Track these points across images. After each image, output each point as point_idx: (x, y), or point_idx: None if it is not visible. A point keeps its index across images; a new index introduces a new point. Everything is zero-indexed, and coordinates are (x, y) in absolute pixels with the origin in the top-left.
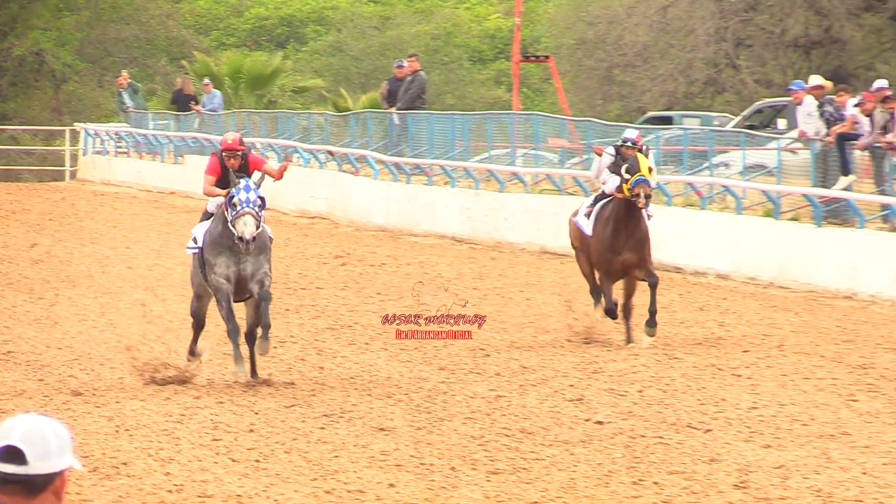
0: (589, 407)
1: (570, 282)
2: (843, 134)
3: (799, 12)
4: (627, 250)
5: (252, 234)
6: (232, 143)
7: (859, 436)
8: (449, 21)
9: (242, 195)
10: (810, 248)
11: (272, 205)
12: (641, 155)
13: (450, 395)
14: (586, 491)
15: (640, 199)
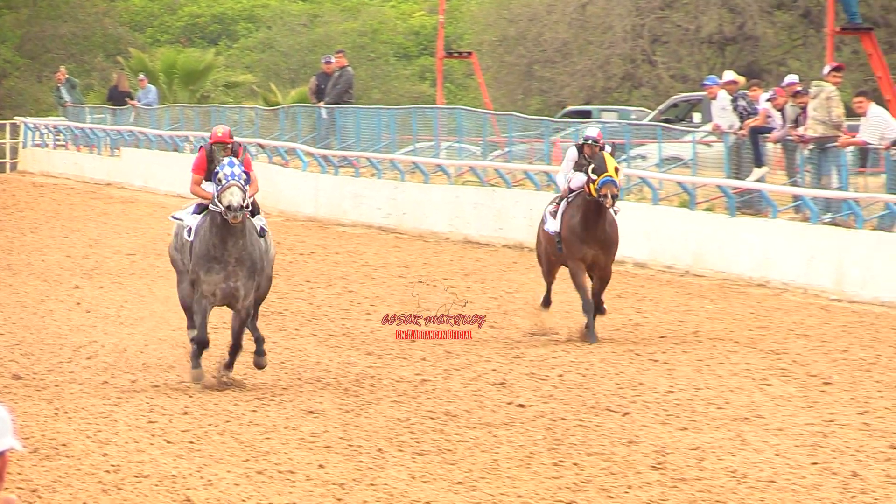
0: (511, 391)
1: (492, 270)
2: (756, 127)
3: (713, 10)
4: (597, 247)
5: (238, 201)
6: (222, 135)
7: (772, 418)
8: (375, 19)
9: (227, 170)
10: (725, 237)
11: None
12: (608, 155)
13: (377, 379)
14: (509, 472)
15: (607, 199)
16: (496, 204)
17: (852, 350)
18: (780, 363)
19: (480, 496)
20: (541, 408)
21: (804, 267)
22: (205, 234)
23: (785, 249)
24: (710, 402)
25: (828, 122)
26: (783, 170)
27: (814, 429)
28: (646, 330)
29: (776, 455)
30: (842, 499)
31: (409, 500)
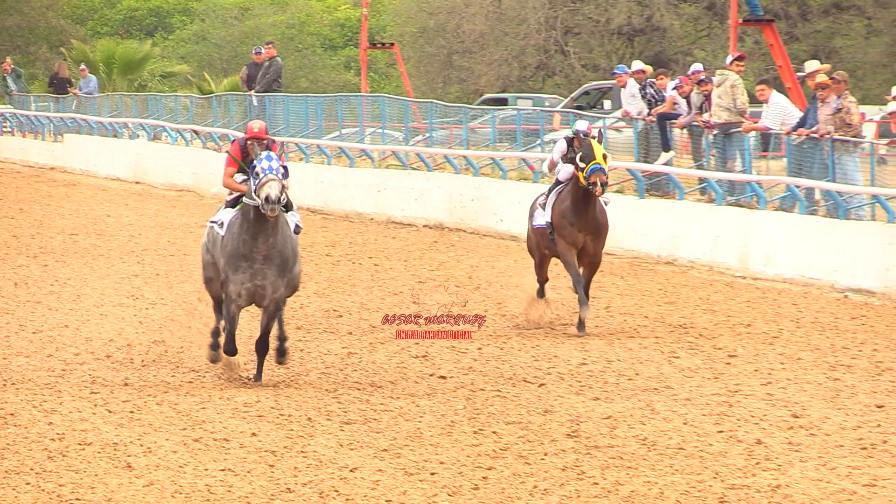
0: (433, 363)
1: (414, 249)
2: (664, 114)
3: (622, 2)
4: (588, 232)
5: (276, 194)
6: (258, 131)
7: (680, 389)
8: (303, 11)
9: (265, 163)
10: (634, 217)
11: (142, 178)
12: (595, 142)
13: (306, 352)
14: (431, 440)
15: (596, 187)
16: (418, 186)
17: (756, 324)
18: (687, 337)
19: (405, 462)
20: (461, 379)
21: (710, 245)
22: (237, 229)
23: (691, 229)
24: (622, 373)
25: (732, 109)
26: (689, 154)
27: (720, 399)
28: (560, 305)
29: (684, 424)
30: (746, 465)
31: (337, 467)
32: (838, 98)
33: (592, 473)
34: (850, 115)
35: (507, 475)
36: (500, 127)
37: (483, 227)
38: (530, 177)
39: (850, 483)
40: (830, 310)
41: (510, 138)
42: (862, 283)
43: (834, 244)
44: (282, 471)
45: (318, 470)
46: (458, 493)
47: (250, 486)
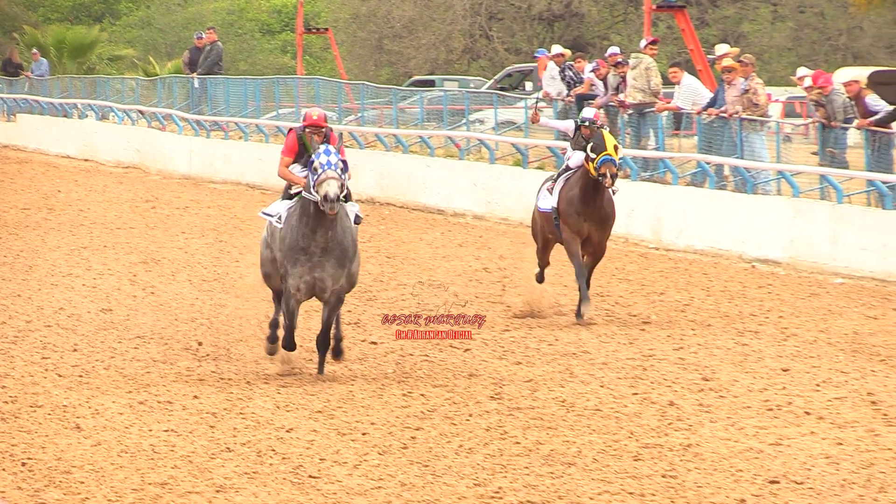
0: (364, 329)
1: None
2: (582, 94)
3: None
4: (593, 222)
5: (336, 191)
6: (317, 118)
7: (597, 354)
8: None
9: (323, 158)
10: None
11: (90, 156)
12: (607, 133)
13: (245, 319)
14: (363, 402)
15: (606, 179)
16: (350, 162)
17: (668, 293)
18: (604, 304)
19: (338, 423)
20: (391, 345)
21: (625, 218)
22: (295, 222)
23: None
24: (542, 339)
25: (646, 90)
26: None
27: (634, 363)
28: (484, 275)
29: (601, 386)
30: (660, 425)
31: (274, 427)
32: (746, 80)
33: (514, 433)
34: (757, 96)
35: (434, 435)
36: (427, 107)
37: (412, 202)
38: (456, 154)
39: (757, 442)
40: (739, 279)
41: (437, 118)
42: (768, 254)
43: (742, 217)
44: (222, 431)
45: (256, 430)
46: (387, 451)
47: (192, 446)
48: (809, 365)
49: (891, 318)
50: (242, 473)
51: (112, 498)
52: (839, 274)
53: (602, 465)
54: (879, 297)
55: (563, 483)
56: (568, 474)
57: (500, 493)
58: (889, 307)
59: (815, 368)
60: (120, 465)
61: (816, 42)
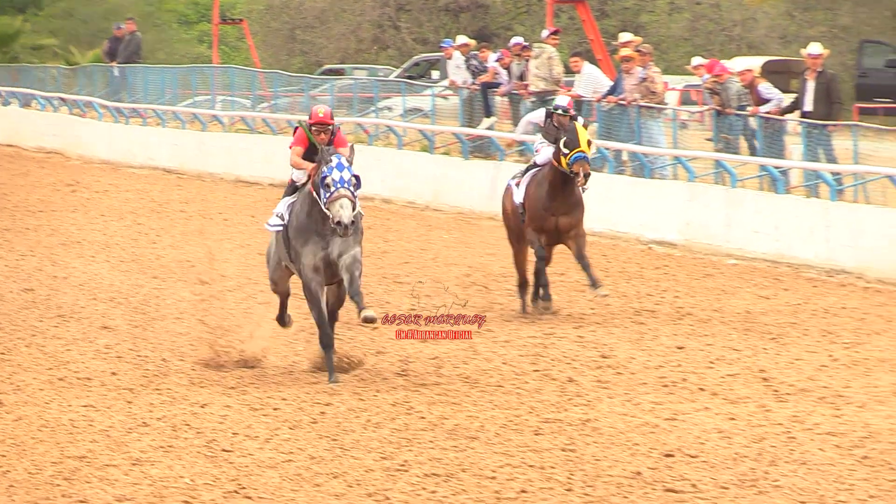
0: (277, 309)
1: (260, 206)
2: (486, 83)
3: None
4: (562, 213)
5: (350, 217)
6: (323, 116)
7: (500, 332)
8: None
9: (336, 174)
10: (459, 177)
11: (14, 142)
12: (580, 127)
13: (161, 299)
14: (274, 378)
15: (579, 177)
16: (264, 149)
17: (569, 273)
18: (506, 284)
19: (250, 399)
20: (302, 323)
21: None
22: (301, 209)
23: None
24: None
25: (548, 79)
26: (510, 119)
27: (535, 341)
28: (391, 257)
29: (503, 363)
30: (559, 401)
31: (188, 403)
32: (644, 69)
33: (420, 408)
34: (655, 84)
35: (342, 410)
36: (338, 95)
37: None
38: (366, 140)
39: (653, 417)
40: (636, 260)
41: (347, 105)
42: (665, 236)
43: (640, 201)
44: (139, 406)
45: (171, 406)
46: (298, 426)
47: (110, 421)
48: (703, 343)
49: (782, 297)
50: (158, 447)
51: (32, 471)
52: (733, 255)
53: (504, 439)
54: (771, 278)
55: (467, 456)
56: (471, 448)
57: (406, 465)
58: (780, 287)
59: (708, 346)
60: (40, 440)
61: (712, 32)
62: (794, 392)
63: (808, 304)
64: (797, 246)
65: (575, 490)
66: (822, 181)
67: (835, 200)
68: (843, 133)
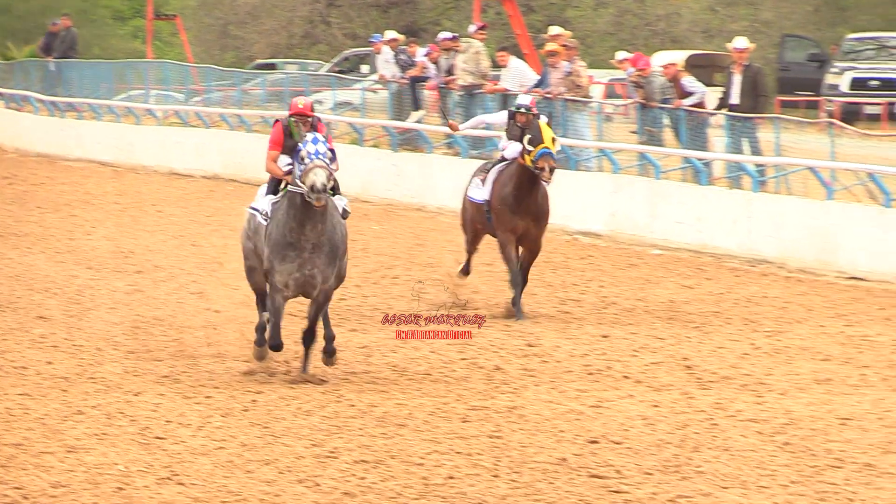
0: (208, 299)
1: (192, 197)
2: (415, 77)
3: None
4: (529, 219)
5: (323, 182)
6: (303, 107)
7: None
8: None
9: (310, 147)
10: (389, 169)
11: None
12: (544, 124)
13: (96, 289)
14: (206, 367)
15: (544, 172)
16: (196, 141)
17: (496, 264)
18: (434, 274)
19: (183, 387)
20: (233, 313)
21: (455, 193)
22: (282, 216)
23: (439, 179)
24: (376, 307)
25: (475, 73)
26: (437, 112)
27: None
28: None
29: (431, 352)
30: (486, 388)
31: (122, 391)
32: (569, 63)
33: (350, 396)
34: (580, 78)
35: (274, 398)
36: (269, 89)
37: (254, 178)
38: None
39: (578, 404)
40: (562, 251)
41: (279, 99)
42: (590, 227)
43: (566, 192)
44: (73, 395)
45: (105, 394)
46: (230, 414)
47: (45, 409)
48: (628, 332)
49: (705, 287)
50: (93, 435)
51: None
52: (656, 245)
53: (432, 427)
54: (694, 268)
55: (396, 443)
56: (400, 435)
57: (336, 452)
58: (703, 277)
59: (633, 335)
60: None
61: (636, 27)
62: (717, 380)
63: (730, 293)
64: (720, 236)
65: (501, 476)
66: (745, 173)
67: (757, 192)
68: (766, 126)
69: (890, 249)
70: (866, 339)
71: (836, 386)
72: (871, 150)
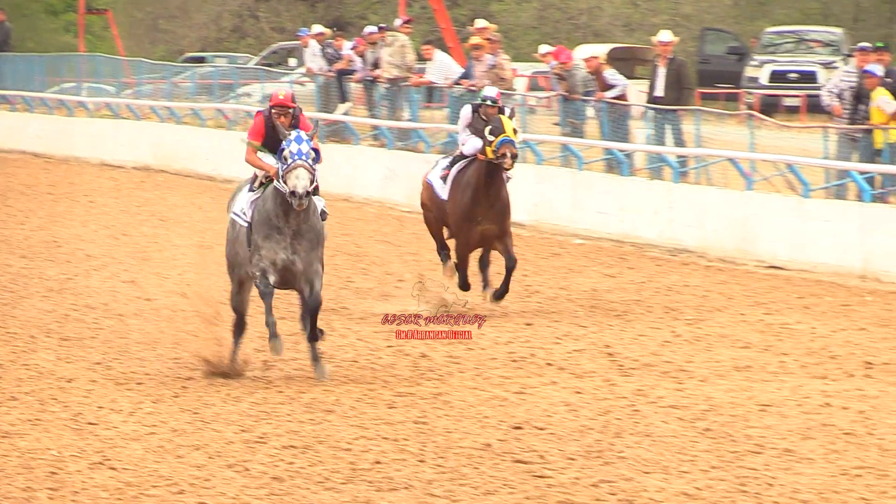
0: (140, 287)
1: (124, 188)
2: (342, 70)
3: None
4: (488, 221)
5: (305, 187)
6: (283, 98)
7: (355, 309)
8: None
9: (294, 146)
10: None
11: None
12: (506, 117)
13: (29, 278)
14: (138, 354)
15: (506, 159)
16: (127, 133)
17: (421, 253)
18: (360, 263)
19: (115, 374)
20: (164, 301)
21: (382, 184)
22: (264, 203)
23: (366, 170)
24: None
25: (401, 66)
26: (364, 105)
27: None
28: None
29: (358, 340)
30: (412, 375)
31: (55, 378)
32: (493, 56)
33: (278, 383)
34: (504, 71)
35: (203, 384)
36: (199, 82)
37: (184, 169)
38: (225, 125)
39: (503, 391)
40: None
41: (208, 92)
42: (514, 217)
43: None
44: (7, 381)
45: (38, 381)
46: (160, 400)
47: None
48: (551, 319)
49: (626, 276)
50: (26, 420)
51: None
52: (579, 235)
53: (359, 413)
54: (616, 257)
55: (323, 429)
56: (327, 421)
57: (265, 438)
58: (625, 266)
59: (556, 323)
60: None
61: (559, 21)
62: (639, 367)
63: (651, 282)
64: (642, 226)
65: (427, 461)
66: (666, 164)
67: (678, 182)
68: (687, 118)
69: (808, 239)
70: (785, 327)
71: (755, 373)
72: (789, 142)
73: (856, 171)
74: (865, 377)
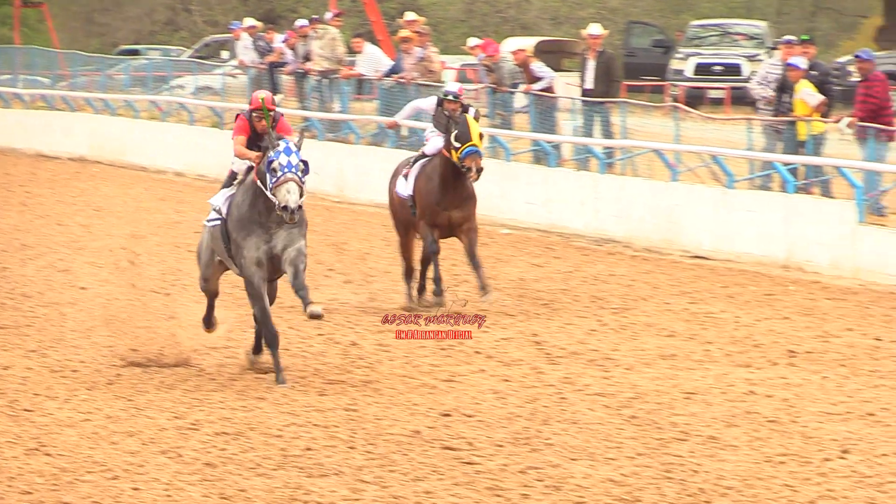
0: (75, 276)
1: (59, 179)
2: (273, 62)
3: None
4: (454, 207)
5: (296, 202)
6: (264, 100)
7: (286, 299)
8: None
9: (283, 158)
10: None
11: None
12: (472, 119)
13: None
14: (73, 342)
15: (471, 172)
16: (63, 124)
17: (351, 243)
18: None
19: (50, 362)
20: (99, 290)
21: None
22: (243, 199)
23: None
24: (236, 285)
25: (331, 59)
26: (295, 97)
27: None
28: (183, 227)
29: (289, 328)
30: (343, 363)
31: None
32: (422, 49)
33: (210, 371)
34: (433, 64)
35: (137, 373)
36: (133, 74)
37: (118, 160)
38: (159, 116)
39: (432, 379)
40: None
41: (142, 84)
42: None
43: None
44: None
45: None
46: (95, 387)
47: None
48: (479, 308)
49: (553, 265)
50: None
51: None
52: (507, 225)
53: (290, 400)
54: (543, 247)
55: (255, 416)
56: (259, 408)
57: (198, 424)
58: (552, 256)
59: (484, 311)
60: None
61: (487, 14)
62: (566, 355)
63: (578, 271)
64: (568, 216)
65: (357, 448)
66: (592, 155)
67: (604, 173)
68: (613, 110)
69: (732, 229)
70: (710, 315)
71: (680, 361)
72: (714, 133)
73: (779, 163)
74: (789, 365)
